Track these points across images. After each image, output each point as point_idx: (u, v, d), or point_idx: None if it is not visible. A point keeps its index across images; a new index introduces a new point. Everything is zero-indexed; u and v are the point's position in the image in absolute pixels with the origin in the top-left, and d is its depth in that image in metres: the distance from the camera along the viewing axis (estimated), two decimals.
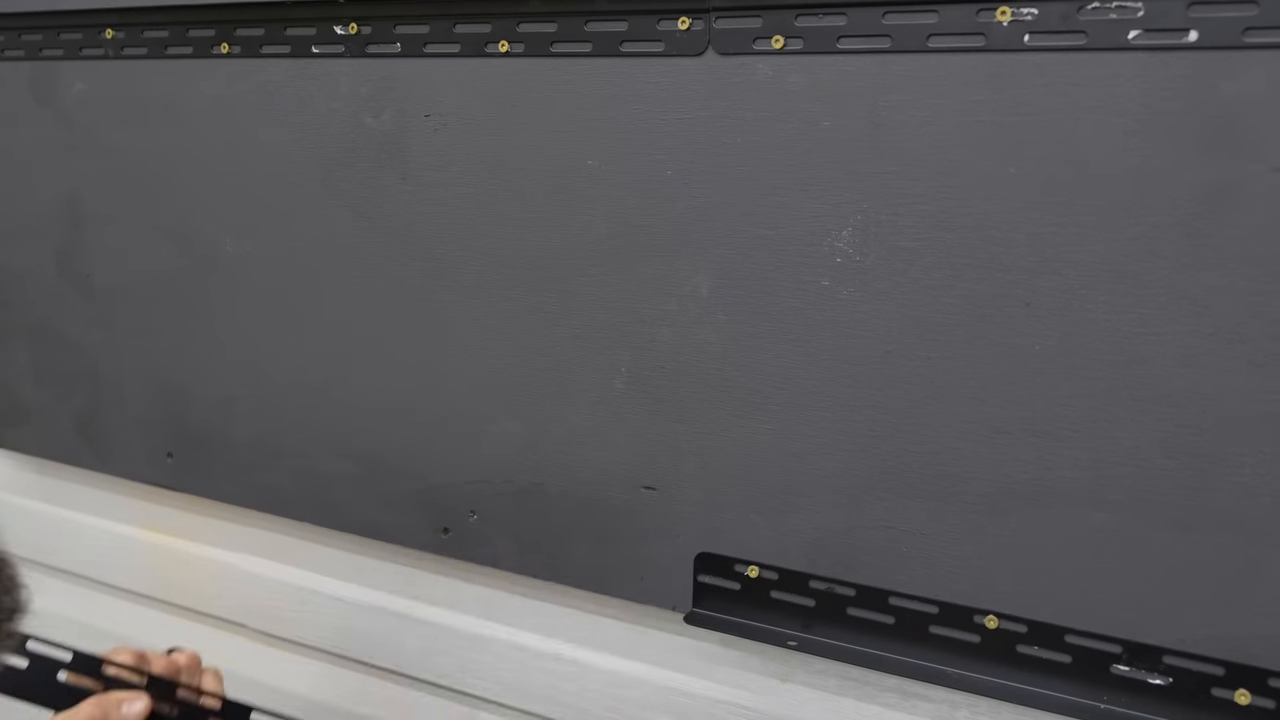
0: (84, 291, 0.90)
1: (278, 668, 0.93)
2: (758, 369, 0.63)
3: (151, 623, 1.01)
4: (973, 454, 0.58)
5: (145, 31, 0.82)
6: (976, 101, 0.55)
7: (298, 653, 0.92)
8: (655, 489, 0.68)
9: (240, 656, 0.95)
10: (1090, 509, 0.56)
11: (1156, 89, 0.51)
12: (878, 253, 0.59)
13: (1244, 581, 0.53)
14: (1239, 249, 0.51)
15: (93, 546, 1.02)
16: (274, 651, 0.94)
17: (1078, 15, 0.52)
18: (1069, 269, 0.55)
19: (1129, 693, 0.57)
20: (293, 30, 0.75)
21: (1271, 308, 0.51)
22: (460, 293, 0.72)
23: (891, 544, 0.62)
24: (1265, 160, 0.50)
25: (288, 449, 0.83)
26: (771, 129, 0.60)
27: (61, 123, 0.88)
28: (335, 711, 0.91)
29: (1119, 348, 0.54)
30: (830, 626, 0.64)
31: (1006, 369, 0.57)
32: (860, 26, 0.57)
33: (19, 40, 0.88)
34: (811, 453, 0.63)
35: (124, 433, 0.91)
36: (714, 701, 0.73)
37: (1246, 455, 0.52)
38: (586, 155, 0.66)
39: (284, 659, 0.93)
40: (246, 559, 0.93)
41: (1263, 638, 0.54)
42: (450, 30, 0.69)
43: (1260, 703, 0.54)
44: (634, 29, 0.63)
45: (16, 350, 0.96)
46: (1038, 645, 0.59)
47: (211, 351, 0.85)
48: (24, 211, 0.92)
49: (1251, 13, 0.49)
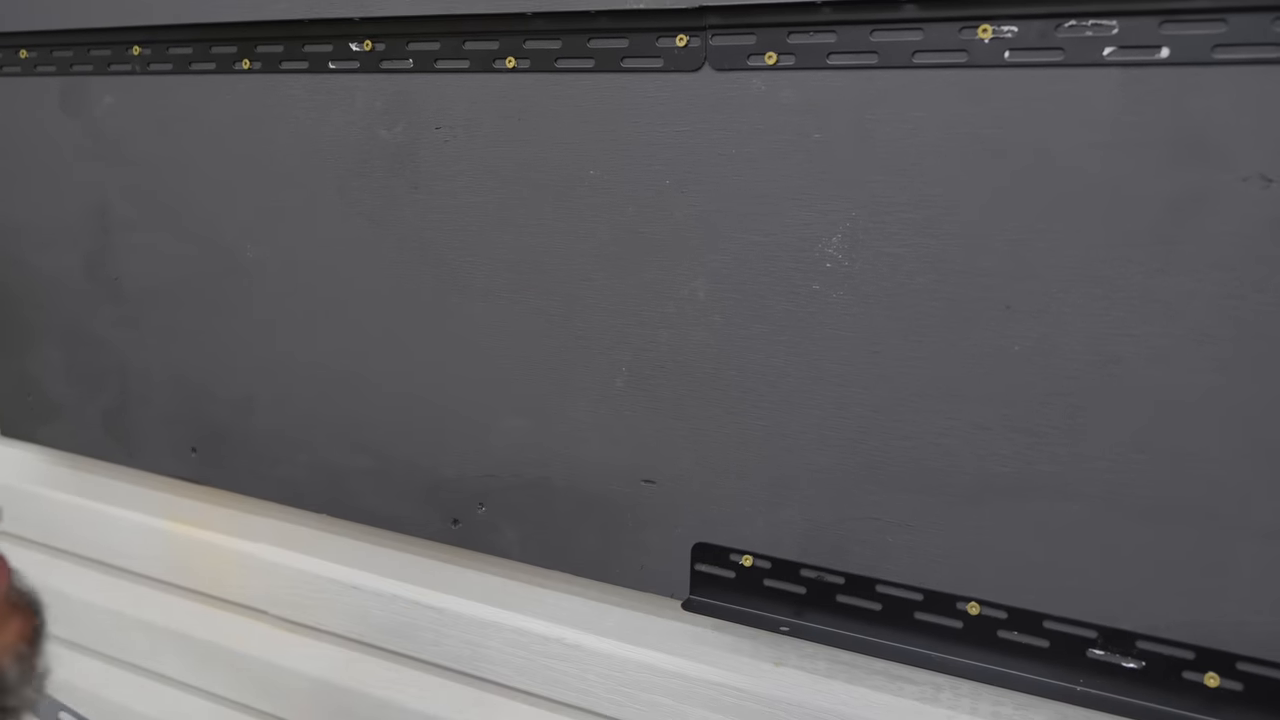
0: (112, 294, 0.90)
1: (296, 652, 0.93)
2: (751, 368, 0.63)
3: (177, 609, 1.01)
4: (955, 449, 0.58)
5: (170, 48, 0.82)
6: (959, 115, 0.55)
7: (315, 637, 0.92)
8: (654, 482, 0.68)
9: (261, 641, 0.95)
10: (1067, 501, 0.56)
11: (1130, 103, 0.51)
12: (865, 258, 0.59)
13: (1213, 570, 0.53)
14: (1208, 255, 0.51)
15: (121, 537, 1.02)
16: (293, 636, 0.94)
17: (1055, 33, 0.52)
18: (1046, 273, 0.55)
19: (1104, 676, 0.57)
20: (311, 47, 0.75)
21: (1238, 311, 0.51)
22: (469, 296, 0.72)
23: (878, 535, 0.61)
24: (1233, 171, 0.50)
25: (305, 444, 0.82)
26: (765, 141, 0.60)
27: (91, 134, 0.88)
28: (350, 693, 0.91)
29: (1094, 348, 0.54)
30: (820, 613, 0.64)
31: (987, 368, 0.57)
32: (849, 44, 0.57)
33: (51, 56, 0.88)
34: (802, 448, 0.63)
35: (150, 429, 0.91)
36: (710, 684, 0.72)
37: (1214, 450, 0.52)
38: (589, 166, 0.66)
39: (302, 643, 0.93)
40: (267, 549, 0.93)
41: (1230, 624, 0.53)
42: (460, 47, 0.69)
43: (1228, 685, 0.54)
44: (634, 46, 0.63)
45: (49, 350, 0.96)
46: (1017, 630, 0.59)
47: (233, 351, 0.84)
48: (55, 218, 0.92)
49: (1220, 30, 0.49)
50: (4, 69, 0.91)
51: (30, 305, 0.96)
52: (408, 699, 0.88)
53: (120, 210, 0.88)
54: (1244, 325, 0.51)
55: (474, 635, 0.82)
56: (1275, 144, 0.49)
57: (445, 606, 0.83)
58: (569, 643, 0.78)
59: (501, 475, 0.74)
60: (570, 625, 0.78)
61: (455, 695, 0.85)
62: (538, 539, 0.74)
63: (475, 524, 0.76)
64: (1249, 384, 0.51)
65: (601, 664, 0.76)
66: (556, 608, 0.78)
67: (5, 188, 0.95)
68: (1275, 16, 0.48)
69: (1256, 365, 0.51)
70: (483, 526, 0.75)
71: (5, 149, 0.93)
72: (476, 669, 0.83)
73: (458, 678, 0.84)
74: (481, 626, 0.82)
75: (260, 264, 0.81)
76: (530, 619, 0.80)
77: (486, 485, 0.75)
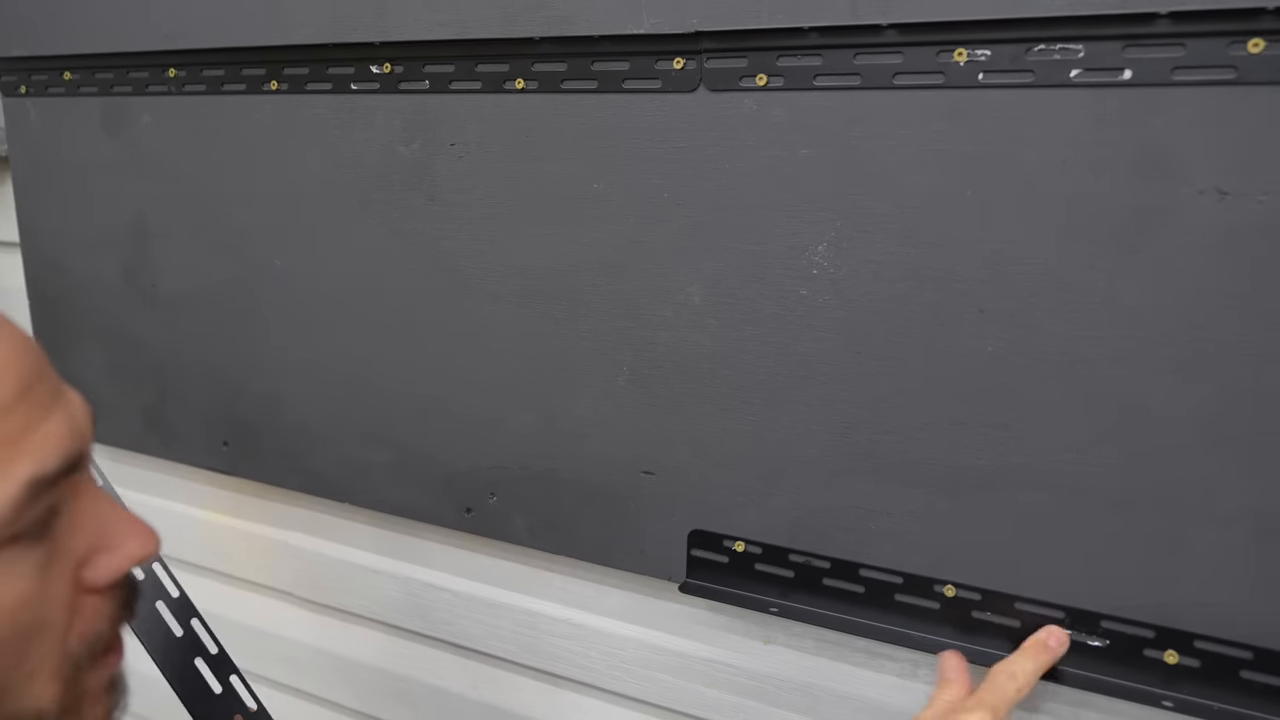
0: (150, 299, 0.90)
1: (321, 631, 0.93)
2: (744, 368, 0.63)
3: (210, 592, 1.01)
4: (933, 442, 0.58)
5: (204, 70, 0.82)
6: (937, 132, 0.55)
7: (338, 618, 0.92)
8: (653, 473, 0.68)
9: (288, 621, 0.95)
10: (1036, 491, 0.56)
11: (1095, 121, 0.51)
12: (850, 265, 0.59)
13: (1171, 555, 0.53)
14: (1168, 263, 0.51)
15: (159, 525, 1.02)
16: (317, 617, 0.94)
17: (1026, 56, 0.52)
18: (1017, 280, 0.55)
19: (1071, 653, 0.57)
20: (334, 70, 0.75)
21: (1195, 314, 0.51)
22: (481, 301, 0.72)
23: (861, 522, 0.61)
24: (1191, 184, 0.50)
25: (329, 438, 0.82)
26: (756, 156, 0.60)
27: (130, 151, 0.88)
28: (369, 669, 0.91)
29: (1062, 349, 0.54)
30: (807, 594, 0.64)
31: (963, 368, 0.57)
32: (834, 66, 0.57)
33: (93, 78, 0.88)
34: (791, 441, 0.63)
35: (185, 424, 0.91)
36: (705, 661, 0.72)
37: (1173, 444, 0.52)
38: (592, 179, 0.66)
39: (326, 623, 0.93)
40: (294, 535, 0.93)
41: (1188, 604, 0.53)
42: (472, 69, 0.69)
43: (1186, 662, 0.54)
44: (634, 68, 0.63)
45: (91, 351, 0.96)
46: (990, 611, 0.59)
47: (262, 353, 0.84)
48: (97, 229, 0.92)
49: (1179, 54, 0.49)
50: (49, 90, 0.91)
51: (73, 309, 0.96)
52: (423, 674, 0.88)
53: (157, 221, 0.88)
54: (1201, 328, 0.51)
55: (485, 615, 0.82)
56: (1230, 159, 0.49)
57: (459, 589, 0.83)
58: (574, 622, 0.78)
59: (511, 467, 0.74)
60: (575, 606, 0.78)
61: (468, 671, 0.85)
62: (545, 526, 0.73)
63: (487, 513, 0.76)
64: (1206, 383, 0.51)
65: (604, 642, 0.76)
66: (562, 590, 0.78)
67: (50, 200, 0.95)
68: (1230, 41, 0.48)
69: (1212, 365, 0.51)
70: (494, 515, 0.75)
71: (50, 164, 0.93)
72: (488, 646, 0.83)
73: (470, 655, 0.84)
74: (492, 607, 0.82)
75: (287, 271, 0.81)
76: (538, 600, 0.80)
77: (497, 477, 0.74)
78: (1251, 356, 0.50)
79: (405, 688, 0.88)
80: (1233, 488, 0.51)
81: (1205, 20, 0.48)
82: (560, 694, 0.80)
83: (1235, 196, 0.49)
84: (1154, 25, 0.49)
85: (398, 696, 0.89)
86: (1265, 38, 0.47)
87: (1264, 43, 0.47)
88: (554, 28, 0.65)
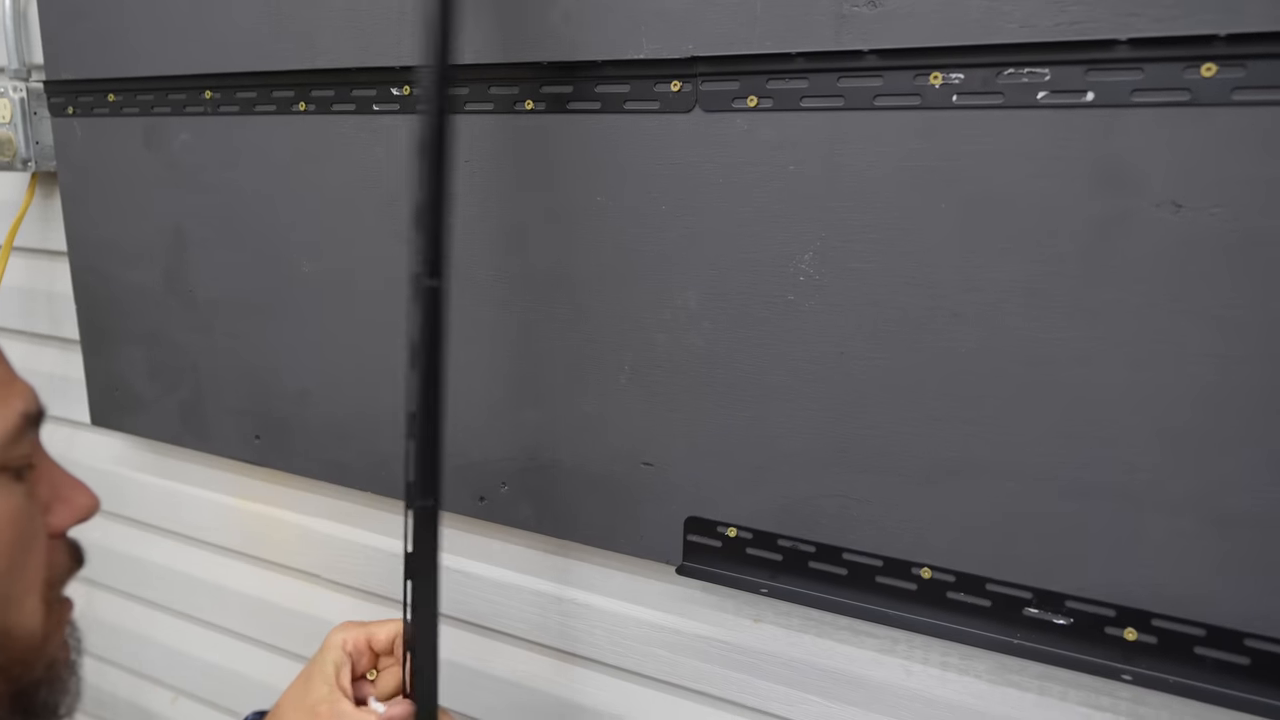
0: (187, 303, 0.90)
1: (345, 611, 0.93)
2: (736, 367, 0.63)
3: (243, 574, 1.01)
4: (910, 436, 0.58)
5: (238, 93, 0.82)
6: (914, 149, 0.55)
7: (360, 598, 0.92)
8: (652, 465, 0.68)
9: (315, 602, 0.95)
10: (1005, 480, 0.56)
11: (1060, 139, 0.51)
12: (833, 273, 0.59)
13: (1130, 539, 0.54)
14: (1127, 270, 0.51)
15: (195, 512, 1.02)
16: (341, 597, 0.94)
17: (996, 79, 0.52)
18: (988, 286, 0.55)
19: (1038, 631, 0.57)
20: (358, 92, 0.75)
21: (1152, 318, 0.51)
22: (493, 305, 0.72)
23: (844, 509, 0.61)
24: (1148, 198, 0.50)
25: (353, 432, 0.83)
26: (747, 172, 0.60)
27: (169, 167, 0.88)
28: None
29: (1029, 350, 0.54)
30: (794, 577, 0.64)
31: (937, 367, 0.57)
32: (819, 89, 0.57)
33: (135, 100, 0.88)
34: (779, 435, 0.63)
35: (220, 419, 0.91)
36: (699, 638, 0.73)
37: (1130, 436, 0.52)
38: (596, 193, 0.66)
39: (351, 603, 0.93)
40: (320, 522, 0.93)
41: (1145, 585, 0.54)
42: (485, 91, 0.69)
43: (1144, 639, 0.54)
44: (635, 91, 0.63)
45: (133, 352, 0.96)
46: (963, 592, 0.59)
47: (291, 352, 0.85)
48: (139, 239, 0.92)
49: (1138, 77, 0.49)
50: (95, 110, 0.91)
51: (117, 313, 0.96)
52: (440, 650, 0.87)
53: (194, 231, 0.88)
54: (1158, 330, 0.51)
55: (496, 595, 0.82)
56: (1185, 175, 0.49)
57: (472, 571, 0.83)
58: (579, 602, 0.78)
59: (521, 459, 0.74)
60: (579, 587, 0.78)
61: (479, 647, 0.85)
62: (552, 513, 0.74)
63: (498, 500, 0.76)
64: (1161, 381, 0.51)
65: (606, 620, 0.76)
66: (567, 572, 0.79)
67: (97, 212, 0.95)
68: (1185, 66, 0.48)
69: (1167, 364, 0.51)
70: (505, 503, 0.75)
71: (97, 179, 0.94)
72: (498, 624, 0.83)
73: (482, 632, 0.84)
74: (503, 588, 0.82)
75: (315, 277, 0.81)
76: (545, 581, 0.80)
77: (508, 467, 0.75)
78: (1202, 357, 0.50)
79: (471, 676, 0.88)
80: (1184, 478, 0.52)
81: (1162, 46, 0.48)
82: (566, 668, 0.80)
83: (1189, 209, 0.49)
84: (1114, 51, 0.49)
85: None
86: (1217, 62, 0.47)
87: (1216, 67, 0.47)
88: (560, 53, 0.65)
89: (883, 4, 0.54)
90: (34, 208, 1.03)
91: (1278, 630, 0.51)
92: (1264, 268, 0.48)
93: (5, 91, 0.96)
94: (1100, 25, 0.49)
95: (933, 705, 0.64)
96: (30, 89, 0.96)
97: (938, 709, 0.64)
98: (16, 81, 0.97)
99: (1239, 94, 0.47)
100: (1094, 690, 0.59)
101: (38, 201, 1.03)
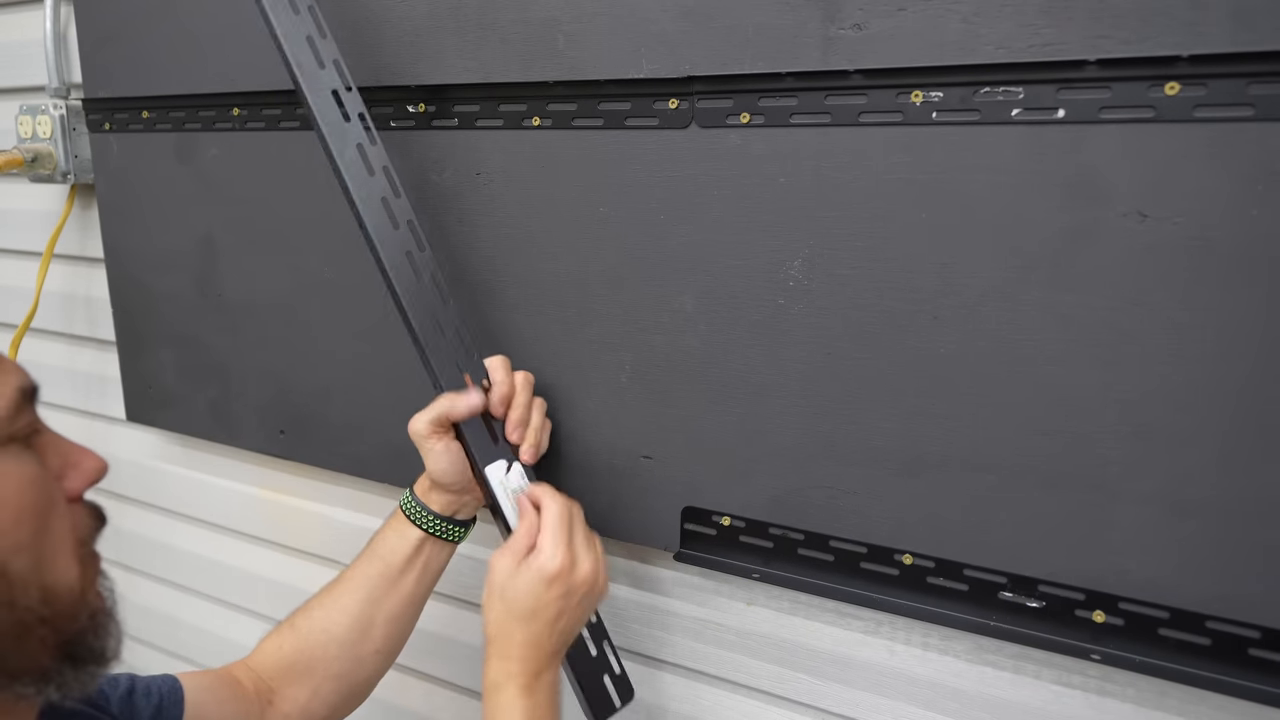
0: (217, 307, 0.90)
1: None
2: (729, 367, 0.63)
3: (268, 560, 1.01)
4: (893, 431, 0.58)
5: (264, 110, 0.82)
6: (896, 163, 0.55)
7: None
8: (652, 458, 0.68)
9: None
10: (982, 473, 0.56)
11: (1032, 153, 0.51)
12: (821, 278, 0.59)
13: (1100, 528, 0.53)
14: (1096, 276, 0.51)
15: (224, 502, 1.02)
16: None
17: (973, 97, 0.52)
18: (966, 291, 0.55)
19: (1012, 613, 0.57)
20: (375, 109, 0.75)
21: (1119, 320, 0.51)
22: (503, 309, 0.72)
23: (831, 500, 0.61)
24: (1114, 208, 0.50)
25: (371, 427, 0.82)
26: (740, 184, 0.60)
27: (199, 179, 0.88)
28: None
29: (1004, 350, 0.54)
30: (784, 563, 0.64)
31: (919, 367, 0.57)
32: (807, 106, 0.57)
33: (167, 116, 0.88)
34: (770, 431, 0.63)
35: (247, 415, 0.91)
36: (696, 619, 0.72)
37: (1101, 431, 0.52)
38: (599, 204, 0.66)
39: None
40: (340, 511, 0.93)
41: (1114, 571, 0.54)
42: (495, 109, 0.69)
43: (1112, 621, 0.54)
44: (635, 108, 0.63)
45: (165, 352, 0.96)
46: (943, 577, 0.59)
47: (314, 353, 0.84)
48: (171, 247, 0.92)
49: (1106, 95, 0.49)
50: (130, 126, 0.91)
51: (150, 316, 0.96)
52: (455, 632, 0.87)
53: (223, 239, 0.88)
54: (1124, 332, 0.51)
55: None
56: (1150, 187, 0.49)
57: (484, 557, 0.83)
58: None
59: None
60: None
61: None
62: None
63: None
64: (1128, 379, 0.51)
65: (609, 603, 0.76)
66: None
67: (132, 222, 0.95)
68: (1150, 85, 0.48)
69: (1134, 364, 0.51)
70: None
71: (131, 191, 0.93)
72: None
73: None
74: None
75: (335, 282, 0.81)
76: None
77: None
78: (1167, 357, 0.50)
79: (440, 645, 0.88)
80: (1149, 471, 0.52)
81: (1128, 66, 0.48)
82: None
83: (1154, 219, 0.49)
84: (1084, 71, 0.49)
85: (435, 653, 0.89)
86: (1180, 82, 0.47)
87: (1179, 86, 0.48)
88: (565, 73, 0.65)
89: (867, 27, 0.54)
90: (73, 218, 1.03)
91: (1236, 613, 0.51)
92: (1220, 273, 0.48)
93: (46, 109, 0.96)
94: (1071, 47, 0.49)
95: (914, 683, 0.64)
96: (70, 106, 0.96)
97: (919, 686, 0.64)
98: (57, 100, 0.97)
99: (1200, 111, 0.47)
100: (1065, 669, 0.59)
101: (76, 212, 1.03)
